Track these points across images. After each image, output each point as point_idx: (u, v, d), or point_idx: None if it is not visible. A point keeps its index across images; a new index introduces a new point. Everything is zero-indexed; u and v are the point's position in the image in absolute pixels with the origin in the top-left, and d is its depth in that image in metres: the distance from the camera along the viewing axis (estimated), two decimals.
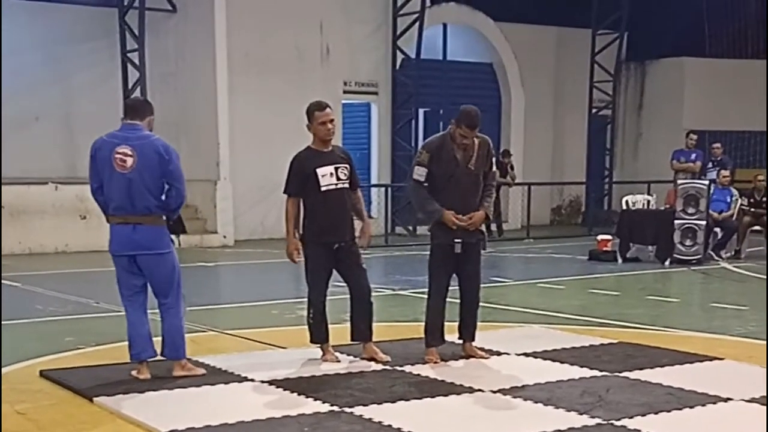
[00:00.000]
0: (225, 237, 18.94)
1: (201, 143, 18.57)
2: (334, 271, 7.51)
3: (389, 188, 20.35)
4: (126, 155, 6.77)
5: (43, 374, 7.12)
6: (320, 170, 7.33)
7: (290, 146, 8.14)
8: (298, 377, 6.99)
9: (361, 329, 7.58)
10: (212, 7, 18.62)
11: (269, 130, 19.13)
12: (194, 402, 6.35)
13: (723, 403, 6.25)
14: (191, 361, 7.17)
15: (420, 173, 7.46)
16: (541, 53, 24.17)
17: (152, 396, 6.47)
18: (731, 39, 24.86)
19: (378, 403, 6.21)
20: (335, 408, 6.10)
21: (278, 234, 7.67)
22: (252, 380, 6.90)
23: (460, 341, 7.77)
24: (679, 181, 15.98)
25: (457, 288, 7.68)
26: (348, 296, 7.60)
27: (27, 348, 8.22)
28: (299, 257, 7.48)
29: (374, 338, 7.64)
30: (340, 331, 7.73)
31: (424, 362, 7.42)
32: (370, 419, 5.85)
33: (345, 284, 7.59)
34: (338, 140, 7.97)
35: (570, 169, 24.59)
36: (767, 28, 22.38)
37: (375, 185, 20.95)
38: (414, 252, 16.58)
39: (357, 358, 7.56)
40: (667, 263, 15.10)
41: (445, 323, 7.62)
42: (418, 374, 7.10)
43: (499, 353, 7.87)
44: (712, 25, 25.08)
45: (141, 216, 6.83)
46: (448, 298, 7.62)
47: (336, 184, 7.38)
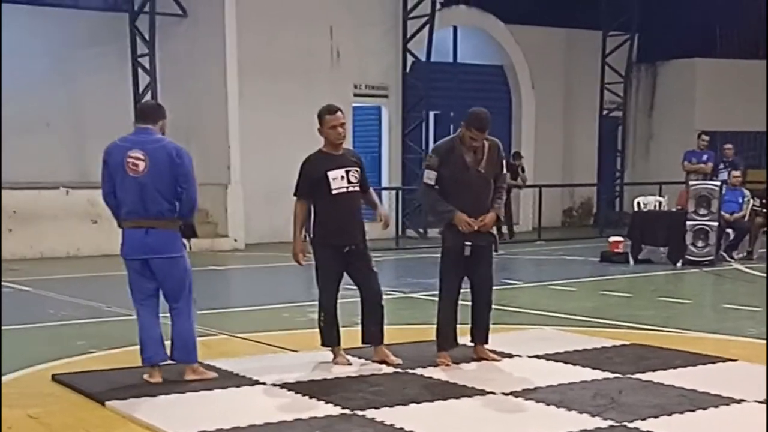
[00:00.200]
0: (236, 240, 18.96)
1: (211, 147, 18.58)
2: (345, 274, 7.51)
3: (400, 191, 20.35)
4: (138, 159, 6.78)
5: (55, 378, 7.13)
6: (331, 173, 7.33)
7: (301, 150, 8.13)
8: (310, 380, 6.99)
9: (373, 332, 7.57)
10: (222, 12, 18.64)
11: (279, 134, 19.14)
12: (206, 405, 6.35)
13: (736, 405, 6.23)
14: (203, 365, 7.17)
15: (430, 177, 7.45)
16: (552, 55, 24.14)
17: (164, 400, 6.47)
18: (742, 40, 24.79)
19: (390, 406, 6.20)
20: (347, 411, 6.09)
21: (289, 237, 7.64)
22: (263, 383, 6.90)
23: (472, 344, 7.76)
24: (691, 183, 15.93)
25: (469, 290, 7.67)
26: (359, 299, 7.60)
27: (39, 352, 8.23)
28: (305, 259, 7.48)
29: (385, 341, 7.64)
30: (352, 334, 7.72)
31: (436, 365, 7.41)
32: (382, 422, 5.84)
33: (356, 287, 7.59)
34: (349, 143, 7.96)
35: (581, 171, 24.55)
36: (767, 29, 22.31)
37: (385, 188, 20.95)
38: (425, 255, 16.56)
39: (368, 361, 7.55)
40: (679, 264, 15.06)
41: (458, 326, 7.62)
42: (430, 377, 7.09)
43: (511, 355, 7.85)
44: (723, 26, 25.02)
45: (154, 220, 6.83)
46: (460, 301, 7.61)
47: (347, 188, 7.38)
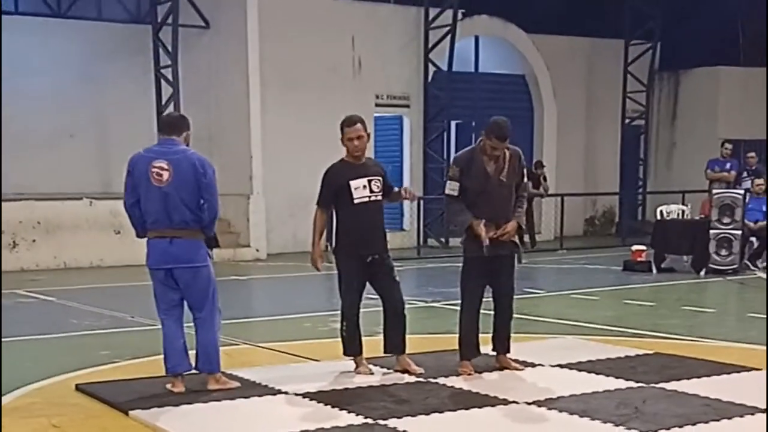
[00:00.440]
0: (258, 251, 19.00)
1: (234, 157, 18.65)
2: (368, 284, 7.52)
3: (421, 200, 20.34)
4: (162, 169, 6.82)
5: (79, 388, 7.17)
6: (353, 183, 7.34)
7: (323, 160, 8.15)
8: (332, 390, 7.00)
9: (395, 341, 7.57)
10: (245, 23, 18.72)
11: (301, 144, 19.19)
12: (228, 415, 6.37)
13: (761, 414, 6.17)
14: (225, 375, 7.19)
15: (453, 188, 7.48)
16: (574, 64, 24.10)
17: (187, 409, 6.49)
18: (766, 47, 24.63)
19: (412, 416, 6.19)
20: (369, 420, 6.09)
21: (310, 247, 7.67)
22: (286, 393, 6.90)
23: (494, 353, 7.75)
24: (714, 191, 15.87)
25: (491, 300, 7.66)
26: (381, 308, 7.60)
27: (63, 362, 8.28)
28: (322, 264, 7.50)
29: (407, 350, 7.63)
30: (373, 344, 7.72)
31: (458, 374, 7.40)
32: (405, 431, 5.83)
33: (378, 297, 7.59)
34: (370, 153, 7.97)
35: (603, 180, 24.48)
36: (767, 37, 22.19)
37: (406, 198, 20.89)
38: (446, 264, 16.53)
39: (390, 371, 7.55)
40: (703, 273, 14.99)
41: (480, 335, 7.61)
42: (452, 386, 7.08)
43: (534, 365, 7.83)
44: (747, 34, 24.90)
45: (178, 229, 6.86)
46: (482, 310, 7.60)
47: (369, 197, 7.38)
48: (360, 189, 7.35)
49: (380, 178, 7.47)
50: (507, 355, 7.73)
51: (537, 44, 23.26)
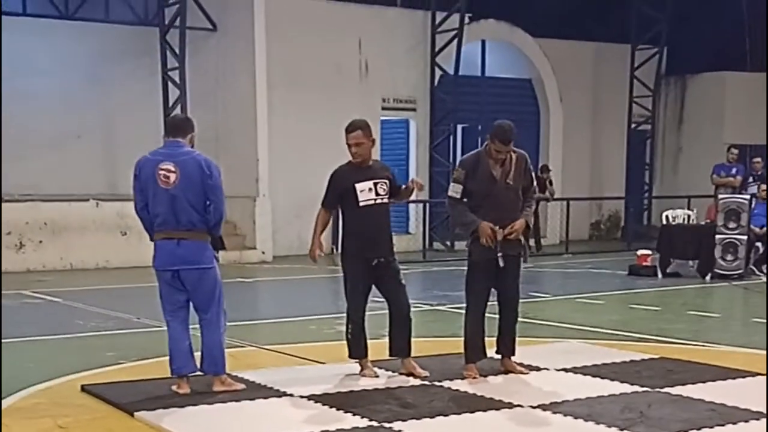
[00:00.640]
0: (263, 253, 19.01)
1: (240, 160, 18.67)
2: (374, 287, 7.53)
3: (427, 204, 20.33)
4: (169, 171, 6.84)
5: (85, 389, 7.19)
6: (359, 185, 7.35)
7: (329, 163, 8.17)
8: (337, 392, 7.01)
9: (400, 344, 7.58)
10: (252, 25, 18.75)
11: (308, 147, 19.20)
12: (234, 417, 6.38)
13: (765, 420, 6.18)
14: (231, 376, 7.20)
15: (456, 190, 7.49)
16: (580, 68, 24.09)
17: (192, 411, 6.50)
18: (766, 52, 24.60)
19: (417, 419, 6.20)
20: (374, 423, 6.09)
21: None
22: (291, 395, 6.91)
23: (499, 356, 7.75)
24: (720, 196, 15.85)
25: (496, 303, 7.66)
26: (387, 312, 7.61)
27: (68, 363, 8.30)
28: (320, 254, 7.51)
29: (413, 353, 7.64)
30: (379, 347, 7.72)
31: (463, 377, 7.41)
32: None
33: (384, 300, 7.60)
34: (376, 156, 7.96)
35: (609, 184, 24.47)
36: (767, 41, 22.17)
37: (412, 201, 20.91)
38: (452, 267, 16.55)
39: (395, 374, 7.56)
40: (708, 278, 14.99)
41: (485, 338, 7.61)
42: (457, 389, 7.09)
43: (539, 368, 7.84)
44: (753, 40, 24.86)
45: (185, 231, 6.89)
46: (487, 313, 7.61)
47: (375, 200, 7.39)
48: (366, 192, 7.37)
49: (387, 181, 7.48)
50: (512, 359, 7.73)
51: (543, 48, 23.26)
